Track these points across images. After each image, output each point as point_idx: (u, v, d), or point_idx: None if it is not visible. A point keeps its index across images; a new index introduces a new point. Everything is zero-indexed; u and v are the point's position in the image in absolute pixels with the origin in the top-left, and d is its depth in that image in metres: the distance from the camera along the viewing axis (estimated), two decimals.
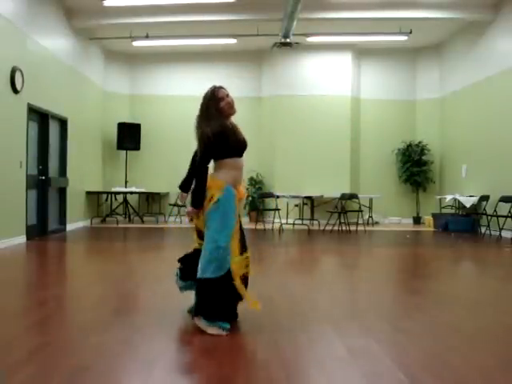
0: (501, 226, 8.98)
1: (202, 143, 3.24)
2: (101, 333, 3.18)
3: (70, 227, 9.77)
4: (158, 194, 11.93)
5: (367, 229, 10.59)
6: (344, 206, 10.41)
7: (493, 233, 9.37)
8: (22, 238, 7.79)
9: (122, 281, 5.13)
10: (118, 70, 12.44)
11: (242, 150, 3.39)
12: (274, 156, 12.09)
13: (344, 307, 4.04)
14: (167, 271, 5.62)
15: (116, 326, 3.35)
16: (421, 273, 6.00)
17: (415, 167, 11.79)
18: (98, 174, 11.83)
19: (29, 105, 7.91)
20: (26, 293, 4.58)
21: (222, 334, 3.11)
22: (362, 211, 10.44)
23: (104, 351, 2.84)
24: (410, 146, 11.94)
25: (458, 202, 10.39)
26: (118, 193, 11.61)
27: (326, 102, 12.02)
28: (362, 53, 12.26)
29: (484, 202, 9.78)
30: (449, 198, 10.62)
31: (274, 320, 3.39)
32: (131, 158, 12.24)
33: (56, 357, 2.74)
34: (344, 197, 10.35)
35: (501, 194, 9.06)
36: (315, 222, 10.99)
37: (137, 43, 10.92)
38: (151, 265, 6.26)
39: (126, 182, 12.07)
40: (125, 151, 12.12)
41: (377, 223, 11.98)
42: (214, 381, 2.49)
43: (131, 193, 11.63)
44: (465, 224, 10.13)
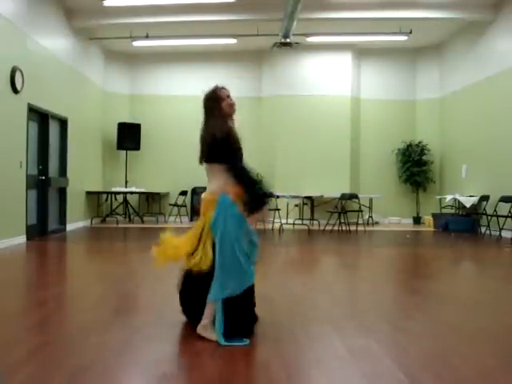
0: (501, 226, 8.98)
1: (226, 144, 3.14)
2: (101, 333, 3.18)
3: (69, 227, 9.77)
4: (158, 194, 11.93)
5: (367, 229, 10.59)
6: (344, 206, 10.41)
7: (493, 233, 9.36)
8: (22, 238, 7.79)
9: (122, 281, 5.13)
10: (118, 70, 12.44)
11: (240, 157, 3.26)
12: (274, 156, 12.09)
13: (344, 307, 4.04)
14: (167, 271, 5.62)
15: (116, 326, 3.35)
16: (421, 273, 6.00)
17: (415, 167, 11.79)
18: (97, 174, 11.83)
19: (29, 105, 7.91)
20: (26, 293, 4.58)
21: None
22: (361, 211, 10.44)
23: (104, 351, 2.84)
24: (410, 145, 11.94)
25: (458, 201, 10.39)
26: (118, 193, 11.61)
27: (326, 102, 12.01)
28: (362, 53, 12.26)
29: (484, 202, 9.78)
30: (449, 197, 10.62)
31: (274, 320, 3.39)
32: (131, 158, 12.24)
33: (56, 357, 2.74)
34: (344, 197, 10.35)
35: (501, 194, 9.05)
36: (315, 222, 10.99)
37: (137, 43, 10.92)
38: (151, 265, 6.24)
39: (126, 182, 12.07)
40: (125, 151, 12.12)
41: (377, 223, 11.97)
42: (214, 381, 2.49)
43: (131, 193, 11.63)
44: (465, 224, 10.12)
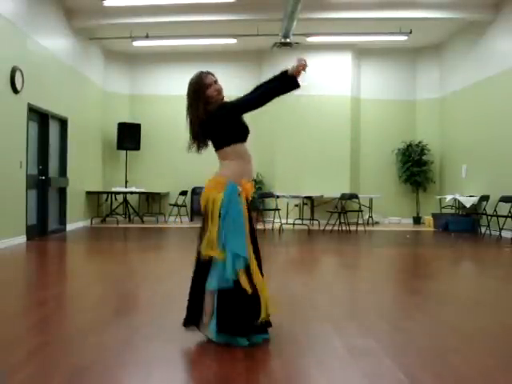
0: (501, 226, 8.98)
1: (196, 123, 3.01)
2: (100, 333, 3.18)
3: (70, 227, 9.77)
4: (158, 193, 11.93)
5: (367, 229, 10.58)
6: (344, 206, 10.41)
7: (493, 233, 9.36)
8: (22, 238, 7.78)
9: (122, 281, 5.13)
10: (118, 70, 12.44)
11: (244, 132, 3.05)
12: (274, 156, 12.08)
13: (344, 307, 4.04)
14: (167, 271, 5.63)
15: (116, 325, 3.35)
16: (421, 273, 6.00)
17: (415, 167, 11.79)
18: (98, 174, 11.83)
19: (29, 105, 7.91)
20: (26, 293, 4.58)
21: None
22: (362, 211, 10.44)
23: (104, 351, 2.84)
24: (410, 145, 11.94)
25: (458, 201, 10.39)
26: (118, 193, 11.61)
27: (326, 102, 12.01)
28: (362, 53, 12.26)
29: (484, 202, 9.78)
30: (449, 197, 10.62)
31: (274, 320, 3.39)
32: (131, 158, 12.23)
33: (56, 357, 2.74)
34: (344, 197, 10.35)
35: (501, 194, 9.05)
36: (315, 222, 10.98)
37: (137, 43, 10.92)
38: (151, 265, 6.26)
39: (126, 182, 12.07)
40: (125, 151, 12.12)
41: (377, 223, 11.97)
42: (213, 381, 2.49)
43: (131, 193, 11.63)
44: (465, 224, 10.12)
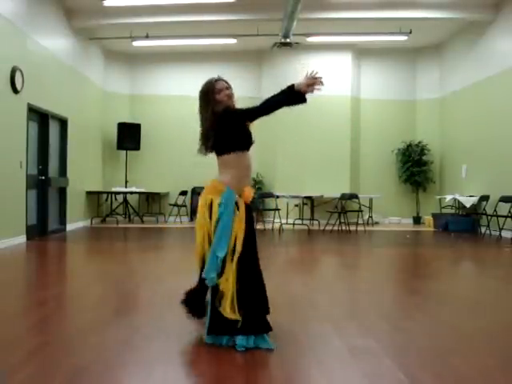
0: (501, 226, 8.98)
1: (210, 123, 2.99)
2: (101, 333, 3.18)
3: (70, 227, 9.77)
4: (158, 194, 11.93)
5: (367, 229, 10.58)
6: (344, 206, 10.41)
7: (493, 233, 9.36)
8: (22, 238, 7.78)
9: (122, 281, 5.13)
10: (118, 70, 12.44)
11: (247, 140, 3.10)
12: (274, 156, 12.08)
13: (344, 307, 4.04)
14: (167, 271, 5.63)
15: (116, 325, 3.35)
16: (421, 273, 6.00)
17: (415, 167, 11.79)
18: (98, 174, 11.83)
19: (29, 105, 7.90)
20: (26, 293, 4.58)
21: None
22: (361, 211, 10.44)
23: (104, 351, 2.84)
24: (409, 146, 11.94)
25: (458, 201, 10.39)
26: (118, 193, 11.61)
27: (326, 102, 11.97)
28: (362, 53, 12.26)
29: (484, 202, 9.78)
30: (449, 197, 10.62)
31: (274, 320, 3.39)
32: (131, 158, 12.23)
33: (56, 357, 2.74)
34: (344, 197, 10.35)
35: (501, 194, 9.05)
36: (315, 222, 10.98)
37: (137, 43, 10.92)
38: (151, 265, 6.26)
39: (126, 182, 12.07)
40: (125, 151, 12.12)
41: (377, 223, 11.97)
42: (213, 381, 2.49)
43: (131, 193, 11.63)
44: (465, 224, 10.12)
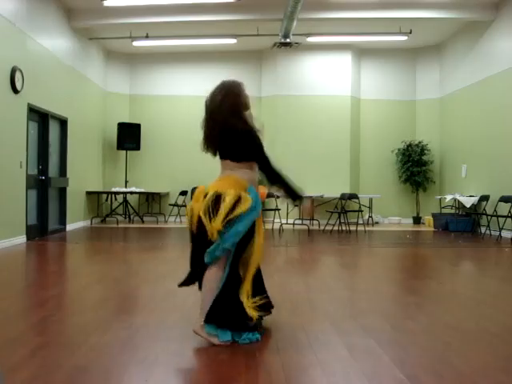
0: (501, 226, 8.98)
1: (254, 140, 3.18)
2: (101, 333, 3.18)
3: (70, 227, 9.77)
4: (158, 194, 11.93)
5: (367, 229, 10.58)
6: (344, 206, 10.41)
7: (493, 233, 9.36)
8: (22, 238, 7.79)
9: (122, 281, 5.13)
10: (118, 70, 12.44)
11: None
12: (274, 156, 11.95)
13: (344, 307, 4.04)
14: (167, 271, 5.63)
15: (116, 326, 3.35)
16: (421, 273, 6.01)
17: (415, 167, 11.79)
18: (98, 174, 11.83)
19: (29, 105, 7.91)
20: (26, 293, 4.58)
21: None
22: (362, 211, 10.44)
23: (104, 351, 2.84)
24: (409, 146, 11.94)
25: (458, 202, 10.39)
26: (118, 193, 11.61)
27: (326, 102, 12.01)
28: (362, 53, 12.26)
29: (484, 202, 9.78)
30: (449, 197, 10.62)
31: (274, 320, 3.39)
32: (131, 158, 12.24)
33: (56, 357, 2.74)
34: (344, 197, 10.35)
35: (501, 194, 9.05)
36: (315, 222, 10.99)
37: (137, 43, 10.92)
38: (151, 265, 6.26)
39: (126, 182, 12.07)
40: (125, 151, 12.12)
41: (377, 223, 11.97)
42: (214, 381, 2.49)
43: (131, 193, 11.63)
44: (465, 224, 10.12)
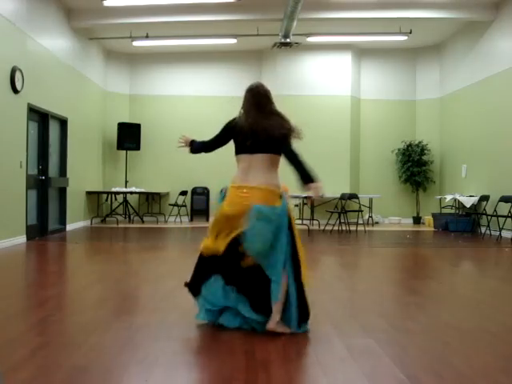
0: (501, 226, 8.98)
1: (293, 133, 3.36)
2: (100, 333, 3.18)
3: (70, 227, 9.77)
4: (158, 194, 11.93)
5: (367, 229, 10.58)
6: (344, 206, 10.41)
7: (493, 233, 9.36)
8: (22, 238, 7.79)
9: (123, 281, 5.13)
10: (118, 70, 12.44)
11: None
12: None
13: (344, 307, 4.04)
14: (167, 271, 5.63)
15: (116, 325, 3.35)
16: (421, 273, 6.01)
17: (415, 167, 11.79)
18: (98, 174, 11.83)
19: (29, 105, 7.91)
20: (26, 293, 4.58)
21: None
22: (362, 211, 10.44)
23: (104, 351, 2.84)
24: (409, 146, 11.94)
25: (458, 201, 10.39)
26: (118, 193, 11.61)
27: (326, 101, 12.01)
28: (362, 53, 12.26)
29: (484, 202, 9.78)
30: (449, 197, 10.62)
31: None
32: (131, 158, 12.23)
33: (56, 357, 2.74)
34: (344, 197, 10.35)
35: (501, 194, 9.05)
36: (315, 222, 10.98)
37: (137, 43, 10.92)
38: (151, 265, 6.26)
39: (126, 182, 12.07)
40: (125, 151, 12.11)
41: (377, 223, 11.97)
42: (214, 381, 2.50)
43: (131, 193, 11.63)
44: (465, 224, 10.12)
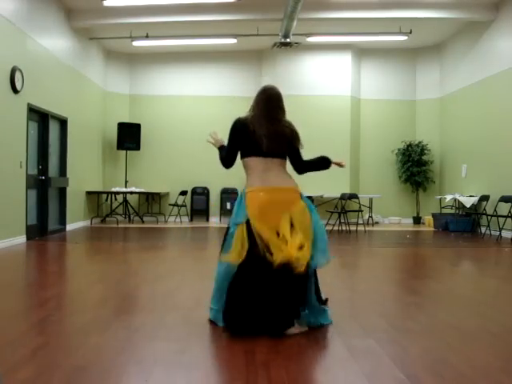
0: (501, 226, 8.98)
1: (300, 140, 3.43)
2: (100, 333, 3.18)
3: (69, 227, 9.77)
4: (158, 194, 11.93)
5: (367, 229, 10.58)
6: (344, 206, 10.41)
7: (493, 233, 9.36)
8: (22, 238, 7.79)
9: (122, 281, 5.13)
10: (118, 70, 12.43)
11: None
12: None
13: (344, 307, 4.04)
14: (167, 271, 5.63)
15: (116, 325, 3.35)
16: (421, 273, 6.00)
17: (415, 167, 11.79)
18: (98, 174, 11.83)
19: (29, 105, 7.91)
20: (26, 293, 4.58)
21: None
22: (362, 211, 10.44)
23: (104, 351, 2.84)
24: (409, 146, 11.94)
25: (458, 201, 10.39)
26: (118, 193, 11.60)
27: (326, 101, 12.01)
28: (362, 53, 12.26)
29: (484, 202, 9.78)
30: (449, 197, 10.62)
31: None
32: (131, 158, 12.23)
33: (56, 357, 2.74)
34: (344, 197, 10.35)
35: (501, 194, 9.05)
36: None
37: (137, 43, 10.91)
38: (151, 265, 6.26)
39: (126, 182, 12.06)
40: (125, 151, 12.11)
41: (377, 223, 11.97)
42: (214, 381, 2.49)
43: (131, 193, 11.63)
44: (465, 224, 10.12)
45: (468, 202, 9.94)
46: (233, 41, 10.98)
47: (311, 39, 10.98)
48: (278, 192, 3.21)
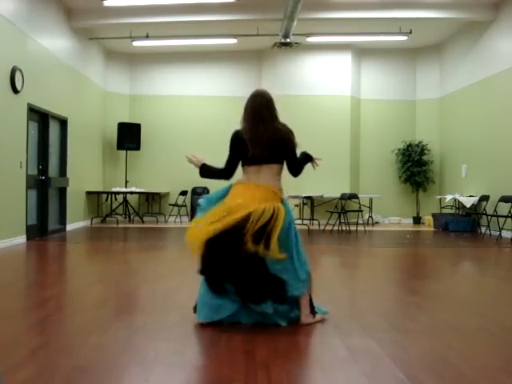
0: (501, 226, 8.98)
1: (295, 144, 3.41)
2: (100, 333, 3.18)
3: (70, 227, 9.77)
4: (158, 194, 11.93)
5: (367, 229, 10.58)
6: (344, 206, 10.41)
7: (493, 233, 9.36)
8: (22, 238, 7.79)
9: (123, 281, 5.13)
10: (118, 70, 12.44)
11: None
12: None
13: (344, 307, 4.04)
14: (167, 271, 5.63)
15: (116, 325, 3.35)
16: (421, 273, 6.00)
17: (415, 167, 11.79)
18: (98, 174, 11.83)
19: (29, 105, 7.91)
20: (26, 293, 4.58)
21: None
22: (362, 211, 10.44)
23: (104, 351, 2.84)
24: (409, 146, 11.94)
25: (458, 201, 10.39)
26: (118, 193, 11.61)
27: (326, 101, 12.01)
28: (362, 53, 12.26)
29: (484, 202, 9.78)
30: (449, 197, 10.62)
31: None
32: (131, 158, 12.23)
33: (56, 357, 2.73)
34: (344, 197, 10.35)
35: (501, 194, 9.05)
36: (315, 222, 10.98)
37: (137, 43, 10.91)
38: (151, 265, 6.26)
39: (126, 182, 12.07)
40: (125, 151, 12.12)
41: (377, 223, 11.97)
42: (214, 381, 2.49)
43: (131, 193, 11.63)
44: (465, 224, 10.12)
45: (468, 202, 9.94)
46: (233, 41, 10.99)
47: (311, 39, 10.98)
48: (256, 186, 3.32)
